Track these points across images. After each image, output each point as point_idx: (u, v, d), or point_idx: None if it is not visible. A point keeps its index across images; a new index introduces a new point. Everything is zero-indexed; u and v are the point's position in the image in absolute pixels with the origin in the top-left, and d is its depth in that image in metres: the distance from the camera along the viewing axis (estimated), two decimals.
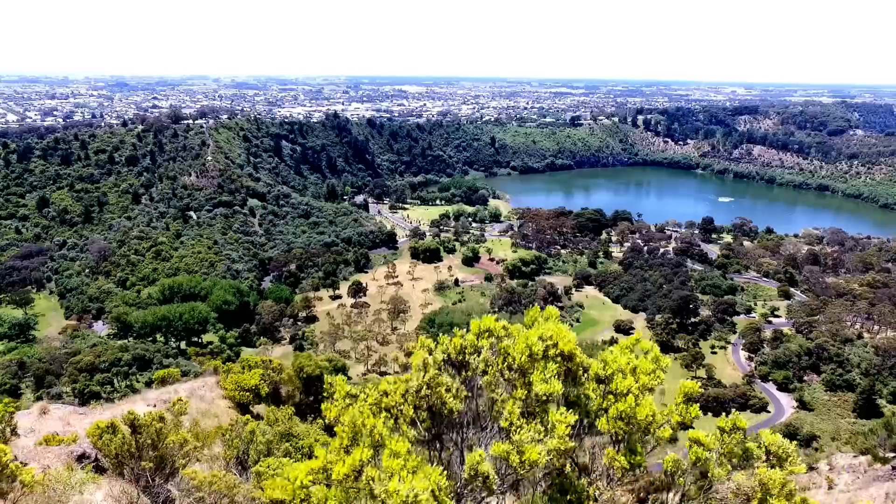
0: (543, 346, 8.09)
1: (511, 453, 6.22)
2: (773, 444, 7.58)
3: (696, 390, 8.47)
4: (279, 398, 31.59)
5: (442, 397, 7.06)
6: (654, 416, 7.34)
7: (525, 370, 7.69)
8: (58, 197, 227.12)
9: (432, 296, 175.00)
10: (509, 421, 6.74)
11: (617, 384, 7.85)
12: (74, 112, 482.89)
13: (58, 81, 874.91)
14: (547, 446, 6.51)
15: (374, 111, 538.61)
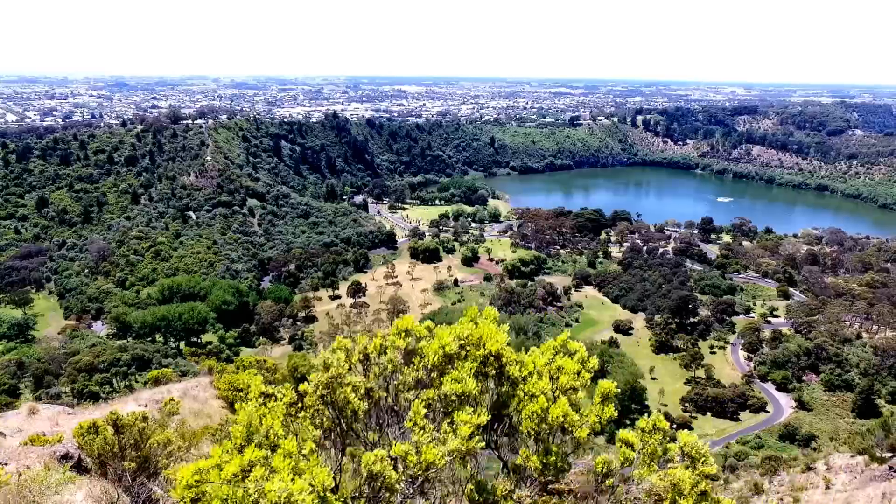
0: (458, 345, 8.09)
1: (410, 454, 6.27)
2: (688, 444, 7.66)
3: (613, 390, 8.52)
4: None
5: (347, 397, 7.05)
6: (565, 416, 7.33)
7: (444, 370, 7.76)
8: (57, 197, 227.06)
9: (432, 296, 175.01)
10: (413, 421, 6.78)
11: (530, 385, 7.83)
12: (74, 112, 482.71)
13: (57, 81, 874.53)
14: (448, 447, 6.57)
15: (373, 111, 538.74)
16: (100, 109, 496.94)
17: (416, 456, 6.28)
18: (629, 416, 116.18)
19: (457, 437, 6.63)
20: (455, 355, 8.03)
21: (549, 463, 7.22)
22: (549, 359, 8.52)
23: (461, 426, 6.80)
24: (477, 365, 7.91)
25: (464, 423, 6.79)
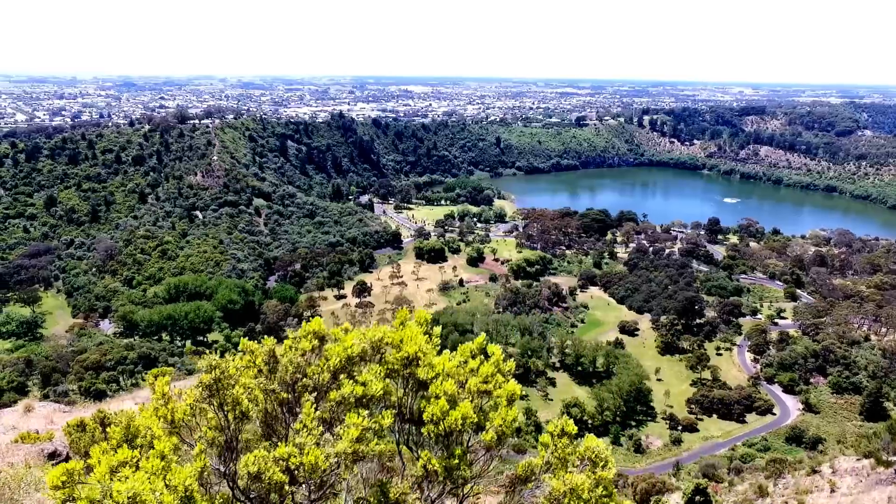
0: (361, 347, 8.04)
1: (293, 455, 6.23)
2: (589, 449, 7.71)
3: (519, 392, 8.51)
4: None
5: (237, 398, 7.01)
6: (465, 419, 7.24)
7: (352, 372, 7.73)
8: (65, 196, 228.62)
9: (437, 296, 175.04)
10: (303, 423, 6.77)
11: (434, 387, 7.76)
12: (82, 112, 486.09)
13: (66, 81, 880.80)
14: (335, 449, 6.52)
15: (379, 111, 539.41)
16: (108, 109, 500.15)
17: (299, 458, 6.22)
18: (635, 417, 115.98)
19: (345, 439, 6.57)
20: (361, 357, 7.97)
21: (451, 465, 7.13)
22: (460, 362, 8.39)
23: (349, 428, 6.72)
24: (387, 368, 7.92)
25: (353, 425, 6.70)
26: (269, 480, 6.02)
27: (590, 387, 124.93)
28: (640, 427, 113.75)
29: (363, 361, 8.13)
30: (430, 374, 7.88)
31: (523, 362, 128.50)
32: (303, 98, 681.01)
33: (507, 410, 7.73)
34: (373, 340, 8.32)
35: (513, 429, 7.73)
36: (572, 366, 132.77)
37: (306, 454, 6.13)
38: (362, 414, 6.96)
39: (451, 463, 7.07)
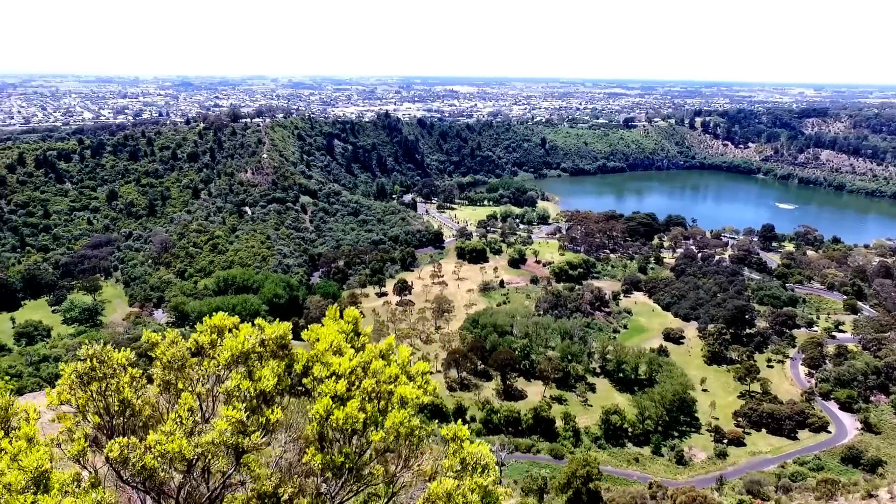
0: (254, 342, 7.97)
1: (160, 442, 6.28)
2: (470, 454, 7.56)
3: (412, 396, 8.16)
4: None
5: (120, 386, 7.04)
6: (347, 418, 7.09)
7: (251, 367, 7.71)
8: (126, 190, 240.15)
9: (477, 296, 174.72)
10: (178, 412, 6.82)
11: (324, 386, 7.58)
12: (143, 110, 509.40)
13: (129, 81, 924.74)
14: (202, 439, 6.50)
15: (424, 111, 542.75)
16: (166, 108, 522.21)
17: (165, 445, 6.33)
18: (678, 427, 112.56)
19: (214, 430, 6.62)
20: (251, 352, 7.90)
21: (335, 463, 7.05)
22: (360, 362, 8.18)
23: (219, 420, 6.76)
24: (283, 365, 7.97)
25: (225, 417, 6.72)
26: (136, 465, 6.15)
27: (631, 394, 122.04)
28: (682, 438, 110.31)
29: (277, 358, 8.15)
30: (323, 373, 7.73)
31: (563, 367, 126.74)
32: (350, 98, 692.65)
33: (398, 412, 7.45)
34: (275, 337, 8.40)
35: (408, 430, 7.58)
36: (613, 372, 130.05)
37: (170, 442, 6.22)
38: (238, 407, 6.95)
39: (336, 460, 7.03)
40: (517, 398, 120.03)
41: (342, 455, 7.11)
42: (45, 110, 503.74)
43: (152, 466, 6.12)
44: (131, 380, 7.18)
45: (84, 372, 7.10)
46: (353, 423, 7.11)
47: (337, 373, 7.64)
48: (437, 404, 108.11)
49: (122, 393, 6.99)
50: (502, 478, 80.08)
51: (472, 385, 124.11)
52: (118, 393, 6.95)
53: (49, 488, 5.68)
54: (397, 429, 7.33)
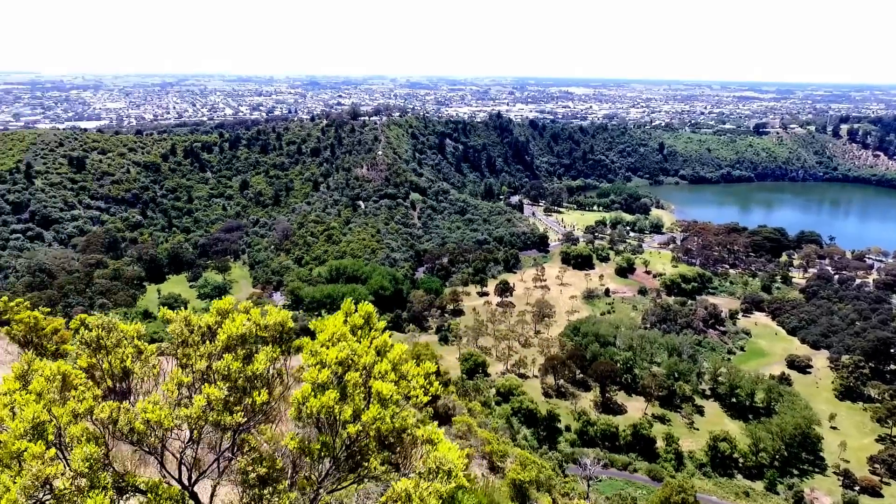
0: (250, 326, 8.15)
1: (146, 411, 6.70)
2: (436, 458, 6.85)
3: (389, 392, 7.55)
4: None
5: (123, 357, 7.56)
6: (323, 406, 7.13)
7: (250, 351, 7.96)
8: (256, 181, 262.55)
9: (580, 303, 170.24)
10: (166, 385, 7.37)
11: (308, 375, 7.58)
12: (275, 107, 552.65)
13: (265, 81, 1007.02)
14: (182, 412, 6.87)
15: (537, 112, 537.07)
16: (295, 105, 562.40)
17: (148, 413, 6.68)
18: (797, 464, 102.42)
19: (194, 405, 6.92)
20: (248, 337, 8.09)
21: (311, 450, 7.12)
22: (348, 354, 8.02)
23: (199, 397, 7.04)
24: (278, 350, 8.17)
25: (206, 394, 7.00)
26: (123, 428, 6.67)
27: (744, 422, 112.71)
28: (803, 478, 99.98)
29: (276, 344, 8.43)
30: (310, 361, 7.86)
31: (668, 384, 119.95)
32: (464, 98, 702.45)
33: (374, 408, 7.39)
34: (274, 324, 8.63)
35: (389, 427, 7.41)
36: (725, 396, 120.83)
37: (153, 411, 6.65)
38: (220, 387, 7.30)
39: (312, 448, 7.17)
40: (616, 412, 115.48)
41: (318, 442, 7.33)
42: (195, 106, 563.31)
43: (141, 430, 6.71)
44: (136, 350, 7.85)
45: (90, 340, 7.92)
46: (328, 413, 7.23)
47: (324, 362, 7.84)
48: (530, 409, 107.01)
49: (124, 361, 7.72)
50: (590, 492, 77.44)
51: (568, 394, 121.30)
52: (122, 361, 7.74)
53: (45, 438, 6.34)
54: (374, 425, 7.35)
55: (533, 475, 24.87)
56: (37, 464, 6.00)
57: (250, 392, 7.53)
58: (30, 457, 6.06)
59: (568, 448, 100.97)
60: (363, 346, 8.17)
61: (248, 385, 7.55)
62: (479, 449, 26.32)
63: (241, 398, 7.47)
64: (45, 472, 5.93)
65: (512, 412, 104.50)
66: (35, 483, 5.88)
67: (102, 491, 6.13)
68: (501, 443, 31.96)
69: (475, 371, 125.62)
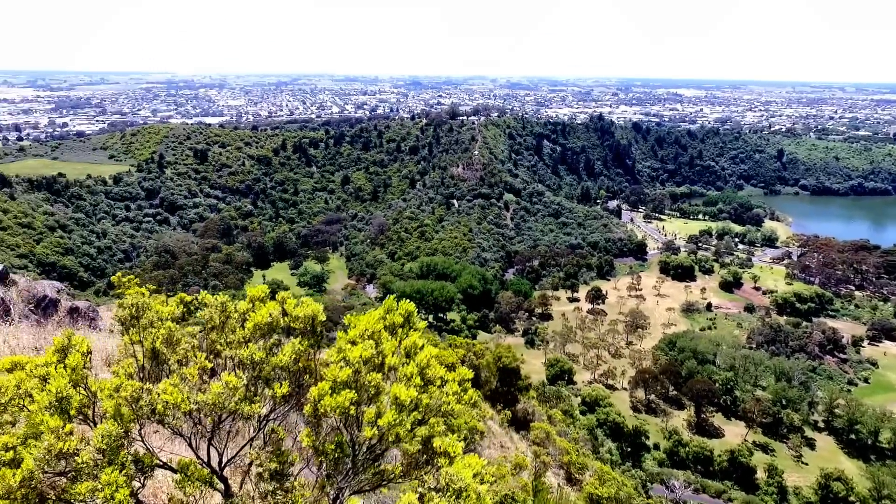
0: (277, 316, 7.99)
1: (166, 392, 6.86)
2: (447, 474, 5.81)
3: (406, 395, 6.78)
4: (479, 382, 32.81)
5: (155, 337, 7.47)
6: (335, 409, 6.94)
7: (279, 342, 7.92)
8: (356, 177, 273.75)
9: (677, 316, 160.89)
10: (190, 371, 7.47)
11: (329, 372, 7.29)
12: (378, 106, 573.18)
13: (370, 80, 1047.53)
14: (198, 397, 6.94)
15: (642, 115, 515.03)
16: (397, 105, 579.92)
17: (167, 395, 6.70)
18: None
19: (210, 392, 6.88)
20: (276, 327, 7.91)
21: (325, 450, 6.88)
22: (373, 354, 7.56)
23: (215, 384, 7.00)
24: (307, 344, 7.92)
25: (224, 382, 6.96)
26: (144, 407, 6.67)
27: (864, 462, 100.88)
28: None
29: (305, 337, 8.13)
30: (335, 357, 7.49)
31: (774, 411, 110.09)
32: (565, 99, 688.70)
33: (391, 413, 6.92)
34: (304, 316, 8.14)
35: (407, 433, 7.01)
36: (842, 431, 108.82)
37: (170, 394, 6.67)
38: (240, 376, 7.28)
39: (327, 448, 6.95)
40: (711, 435, 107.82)
41: (333, 444, 7.07)
42: (305, 104, 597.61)
43: (161, 411, 6.72)
44: (168, 331, 7.84)
45: (122, 318, 7.99)
46: (343, 413, 6.97)
47: (347, 359, 7.54)
48: (616, 422, 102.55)
49: (155, 342, 7.72)
50: None
51: (659, 410, 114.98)
52: (154, 341, 7.72)
53: (68, 412, 6.45)
54: (393, 430, 6.99)
55: (612, 492, 23.55)
56: (51, 437, 6.14)
57: (272, 384, 7.52)
58: (46, 430, 6.20)
59: (655, 467, 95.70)
60: (391, 345, 7.88)
61: (271, 376, 7.55)
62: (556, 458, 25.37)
63: (262, 389, 7.50)
64: (57, 447, 6.10)
65: (597, 424, 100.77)
66: (47, 456, 6.06)
67: (120, 467, 6.24)
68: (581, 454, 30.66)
69: (560, 378, 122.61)
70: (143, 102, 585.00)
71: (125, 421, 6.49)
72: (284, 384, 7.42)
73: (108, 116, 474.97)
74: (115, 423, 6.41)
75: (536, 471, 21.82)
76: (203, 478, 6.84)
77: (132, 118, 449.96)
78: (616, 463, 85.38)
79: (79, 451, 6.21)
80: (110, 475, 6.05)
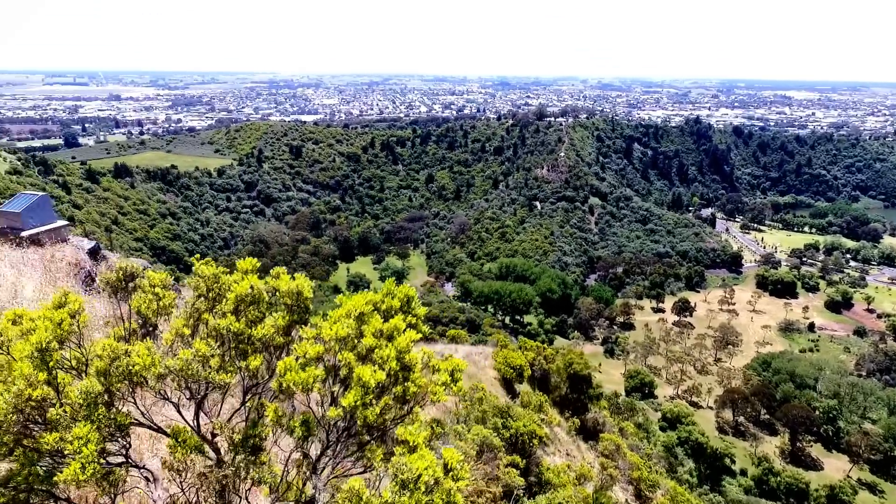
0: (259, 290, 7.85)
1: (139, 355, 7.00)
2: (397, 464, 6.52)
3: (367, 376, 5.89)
4: (547, 387, 31.93)
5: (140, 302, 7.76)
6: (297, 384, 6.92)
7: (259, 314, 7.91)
8: (440, 176, 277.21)
9: (774, 335, 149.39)
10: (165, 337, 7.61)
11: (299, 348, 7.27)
12: (465, 106, 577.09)
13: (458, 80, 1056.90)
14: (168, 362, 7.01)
15: (744, 118, 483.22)
16: (484, 105, 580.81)
17: (139, 358, 6.79)
18: None
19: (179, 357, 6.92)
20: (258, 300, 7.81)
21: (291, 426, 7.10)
22: (350, 333, 7.38)
23: (186, 351, 7.03)
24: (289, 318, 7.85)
25: (194, 349, 7.01)
26: (119, 368, 6.74)
27: None
28: None
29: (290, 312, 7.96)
30: (309, 334, 7.35)
31: (885, 448, 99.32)
32: (659, 101, 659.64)
33: (353, 393, 6.85)
34: (289, 291, 7.88)
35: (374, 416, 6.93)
36: None
37: (144, 357, 6.75)
38: (211, 344, 7.22)
39: (292, 424, 6.97)
40: (807, 467, 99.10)
41: (298, 421, 6.95)
42: (394, 104, 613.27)
43: (134, 372, 6.75)
44: (155, 297, 7.89)
45: (112, 282, 8.14)
46: (307, 389, 6.85)
47: (322, 337, 7.18)
48: (699, 442, 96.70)
49: (140, 306, 7.82)
50: None
51: (748, 434, 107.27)
52: (140, 305, 7.84)
53: (47, 364, 6.59)
54: (359, 413, 6.83)
55: None
56: (23, 384, 6.28)
57: (247, 356, 7.50)
58: (19, 376, 6.35)
59: (739, 494, 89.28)
60: (371, 326, 7.64)
61: (249, 349, 7.51)
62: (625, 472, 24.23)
63: (239, 361, 7.49)
64: (27, 393, 6.25)
65: (677, 442, 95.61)
66: (16, 401, 6.23)
67: (93, 424, 6.34)
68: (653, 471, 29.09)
69: (640, 390, 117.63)
70: (246, 101, 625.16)
71: (110, 380, 6.61)
72: (259, 357, 7.39)
73: (216, 113, 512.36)
74: (95, 380, 6.56)
75: (602, 483, 20.93)
76: (194, 444, 6.96)
77: (237, 115, 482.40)
78: (693, 485, 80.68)
79: (52, 402, 6.40)
80: (82, 429, 6.19)
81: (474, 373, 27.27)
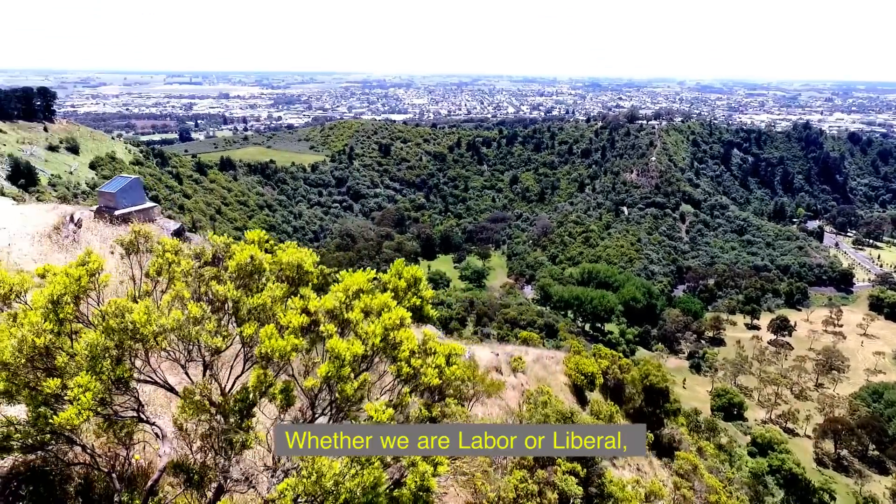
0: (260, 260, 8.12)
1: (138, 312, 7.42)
2: None
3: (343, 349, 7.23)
4: (621, 397, 31.02)
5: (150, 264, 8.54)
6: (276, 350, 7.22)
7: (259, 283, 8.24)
8: (525, 177, 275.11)
9: (889, 363, 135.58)
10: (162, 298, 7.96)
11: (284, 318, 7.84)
12: (554, 108, 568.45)
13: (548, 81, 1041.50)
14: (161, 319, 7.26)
15: (863, 124, 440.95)
16: (573, 106, 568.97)
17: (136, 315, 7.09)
18: None
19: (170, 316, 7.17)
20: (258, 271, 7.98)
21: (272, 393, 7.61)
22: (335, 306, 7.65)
23: (177, 311, 7.42)
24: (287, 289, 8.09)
25: (187, 310, 7.29)
26: (123, 322, 7.09)
27: None
28: None
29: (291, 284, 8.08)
30: (297, 305, 7.56)
31: None
32: (763, 104, 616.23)
33: (328, 364, 6.98)
34: (290, 263, 7.97)
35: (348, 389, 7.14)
36: None
37: (140, 314, 7.07)
38: (204, 308, 7.43)
39: (272, 391, 7.26)
40: None
41: (278, 388, 7.13)
42: (482, 104, 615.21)
43: (133, 329, 7.05)
44: (166, 262, 8.24)
45: (127, 243, 8.53)
46: (283, 356, 7.01)
47: (307, 308, 7.33)
48: (794, 473, 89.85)
49: (149, 268, 8.19)
50: None
51: (852, 470, 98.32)
52: (149, 267, 8.26)
53: (58, 314, 6.89)
54: (327, 380, 6.97)
55: None
56: (27, 331, 6.61)
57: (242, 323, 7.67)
58: (27, 324, 6.70)
59: None
60: (361, 302, 7.73)
61: (247, 316, 7.63)
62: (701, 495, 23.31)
63: (226, 327, 7.67)
64: (29, 339, 6.55)
65: (768, 470, 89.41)
66: (22, 346, 6.59)
67: (96, 375, 6.62)
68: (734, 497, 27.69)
69: (727, 410, 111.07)
70: (341, 100, 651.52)
71: (117, 335, 6.88)
72: (253, 324, 7.56)
73: (312, 112, 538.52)
74: (99, 333, 6.85)
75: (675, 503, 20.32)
76: (202, 406, 7.26)
77: (331, 114, 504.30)
78: None
79: (58, 349, 6.75)
80: (83, 378, 6.52)
81: (543, 377, 27.39)
